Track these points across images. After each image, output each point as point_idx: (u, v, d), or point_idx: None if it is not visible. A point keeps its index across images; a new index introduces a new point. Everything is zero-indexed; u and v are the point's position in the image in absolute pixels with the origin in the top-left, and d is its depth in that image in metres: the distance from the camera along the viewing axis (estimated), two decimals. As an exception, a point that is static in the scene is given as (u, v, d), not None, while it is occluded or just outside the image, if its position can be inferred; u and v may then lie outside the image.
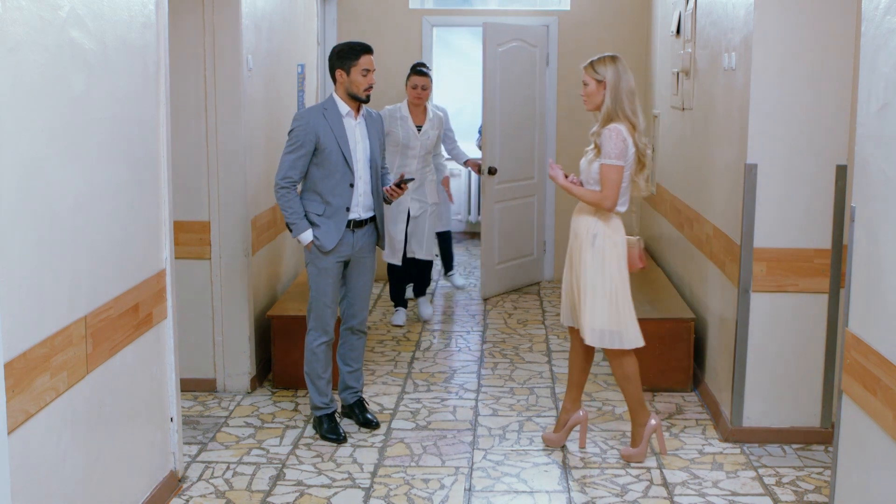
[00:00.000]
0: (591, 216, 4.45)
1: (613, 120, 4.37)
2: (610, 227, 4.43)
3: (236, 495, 4.22)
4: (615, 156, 4.32)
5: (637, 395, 4.55)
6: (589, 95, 4.43)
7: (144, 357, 3.94)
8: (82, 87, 3.26)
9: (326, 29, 7.86)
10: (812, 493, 4.27)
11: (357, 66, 4.67)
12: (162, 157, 4.09)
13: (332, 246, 4.70)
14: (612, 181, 4.34)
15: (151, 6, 3.92)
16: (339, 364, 5.06)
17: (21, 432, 2.88)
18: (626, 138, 4.34)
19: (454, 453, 4.69)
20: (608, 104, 4.37)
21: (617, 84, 4.36)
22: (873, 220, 3.09)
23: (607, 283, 4.40)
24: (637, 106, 4.41)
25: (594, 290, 4.40)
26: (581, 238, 4.46)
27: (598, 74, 4.39)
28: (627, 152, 4.35)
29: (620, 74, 4.37)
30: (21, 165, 2.86)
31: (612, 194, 4.35)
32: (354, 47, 4.72)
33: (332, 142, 4.65)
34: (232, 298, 5.45)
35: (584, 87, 4.44)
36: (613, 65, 4.38)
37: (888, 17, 2.96)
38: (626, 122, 4.36)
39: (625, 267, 4.46)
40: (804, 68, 4.54)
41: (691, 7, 6.06)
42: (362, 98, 4.72)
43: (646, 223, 8.01)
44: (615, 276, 4.41)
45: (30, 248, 2.94)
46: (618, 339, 4.43)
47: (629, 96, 4.37)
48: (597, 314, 4.40)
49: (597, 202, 4.39)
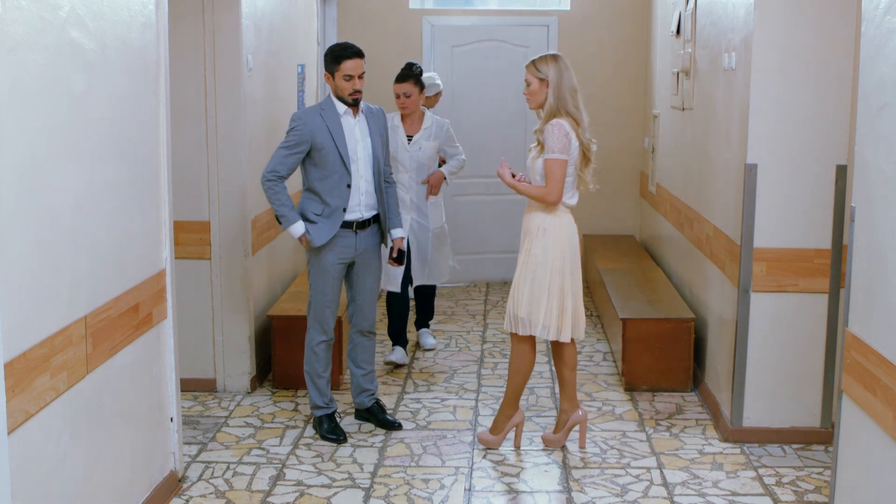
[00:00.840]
0: (541, 212, 4.53)
1: (556, 117, 4.45)
2: (560, 221, 4.52)
3: (236, 495, 4.22)
4: (557, 150, 4.40)
5: (517, 390, 4.68)
6: (531, 94, 4.53)
7: (144, 357, 3.94)
8: (82, 87, 3.26)
9: (326, 29, 7.86)
10: (812, 493, 4.27)
11: (339, 72, 4.64)
12: (162, 157, 4.09)
13: (323, 242, 4.68)
14: (556, 175, 4.42)
15: (151, 6, 3.92)
16: (352, 367, 5.04)
17: (21, 432, 2.88)
18: (568, 132, 4.42)
19: (454, 453, 4.69)
20: (551, 102, 4.47)
21: (559, 82, 4.45)
22: (873, 220, 3.09)
23: (553, 276, 4.48)
24: (580, 102, 4.50)
25: (536, 281, 4.49)
26: (531, 234, 4.55)
27: (541, 73, 4.49)
28: (570, 146, 4.43)
29: (562, 72, 4.47)
30: (21, 165, 2.86)
31: (556, 188, 4.43)
32: (338, 53, 4.67)
33: (329, 142, 4.64)
34: (232, 298, 5.44)
35: (527, 86, 4.54)
36: (555, 63, 4.48)
37: (888, 17, 2.96)
38: (569, 119, 4.45)
39: (576, 260, 4.57)
40: (804, 68, 4.54)
41: (691, 7, 6.07)
42: (349, 102, 4.70)
43: (646, 223, 8.02)
44: (561, 270, 4.49)
45: (30, 248, 2.94)
46: (526, 326, 4.52)
47: (571, 93, 4.47)
48: (522, 300, 4.51)
49: (541, 196, 4.48)
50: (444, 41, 8.22)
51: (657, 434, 4.94)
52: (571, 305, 4.54)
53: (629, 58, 8.26)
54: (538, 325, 4.51)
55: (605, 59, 8.27)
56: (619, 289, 6.35)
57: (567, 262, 4.52)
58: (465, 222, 8.26)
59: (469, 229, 8.28)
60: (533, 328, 4.52)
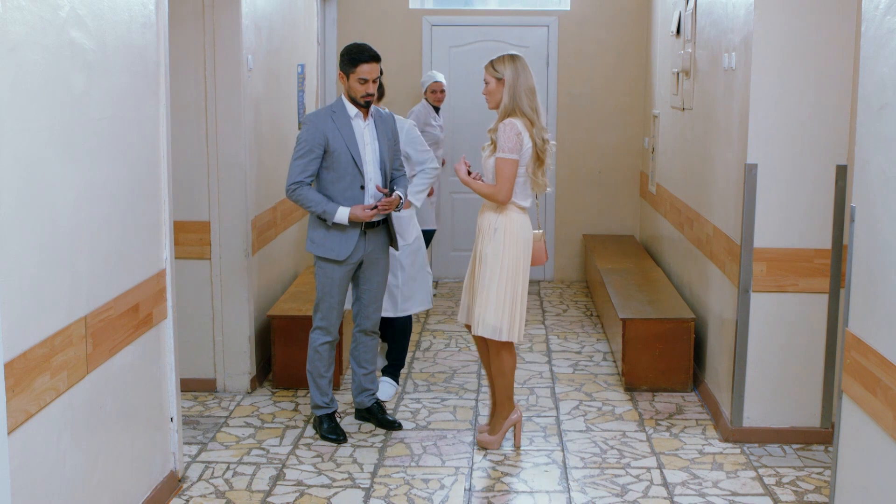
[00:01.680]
0: (493, 212, 4.55)
1: (511, 116, 4.48)
2: (511, 222, 4.53)
3: (236, 495, 4.22)
4: (508, 150, 4.43)
5: (508, 390, 4.68)
6: (489, 93, 4.57)
7: (144, 357, 3.94)
8: (82, 87, 3.26)
9: (326, 29, 7.86)
10: (812, 493, 4.27)
11: (354, 74, 4.65)
12: (162, 157, 4.08)
13: (347, 256, 4.69)
14: (505, 175, 4.45)
15: (151, 6, 3.92)
16: (354, 367, 5.04)
17: (21, 432, 2.88)
18: (520, 133, 4.45)
19: (454, 453, 4.69)
20: (506, 101, 4.50)
21: (515, 82, 4.48)
22: (873, 220, 3.09)
23: (504, 276, 4.50)
24: (537, 103, 4.52)
25: (490, 283, 4.50)
26: (483, 233, 4.56)
27: (498, 73, 4.52)
28: (522, 147, 4.46)
29: (518, 72, 4.50)
30: (21, 165, 2.86)
31: (505, 187, 4.46)
32: (356, 56, 4.66)
33: (341, 145, 4.64)
34: (232, 298, 5.44)
35: (486, 85, 4.57)
36: (512, 63, 4.51)
37: (888, 17, 2.96)
38: (523, 119, 4.48)
39: (527, 263, 4.58)
40: (804, 68, 4.54)
41: (691, 7, 6.06)
42: (360, 104, 4.71)
43: (646, 223, 8.02)
44: (512, 270, 4.51)
45: (30, 248, 2.93)
46: (506, 333, 4.52)
47: (528, 94, 4.50)
48: (490, 307, 4.50)
49: (490, 195, 4.51)
50: (444, 41, 8.22)
51: (657, 434, 4.94)
52: (519, 307, 4.56)
53: (629, 58, 8.26)
54: (515, 330, 4.52)
55: (605, 59, 8.27)
56: (619, 289, 6.35)
57: (520, 263, 4.54)
58: (464, 220, 8.26)
59: (468, 227, 8.28)
60: (510, 334, 4.52)
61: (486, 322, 4.51)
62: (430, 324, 7.02)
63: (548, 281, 8.48)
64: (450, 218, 8.37)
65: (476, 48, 8.10)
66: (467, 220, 8.23)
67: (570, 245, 8.50)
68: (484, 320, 4.52)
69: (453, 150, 8.21)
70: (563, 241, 8.49)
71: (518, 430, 4.75)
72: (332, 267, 4.73)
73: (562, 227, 8.49)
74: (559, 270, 8.53)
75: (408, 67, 8.17)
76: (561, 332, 6.82)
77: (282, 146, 6.19)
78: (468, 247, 8.26)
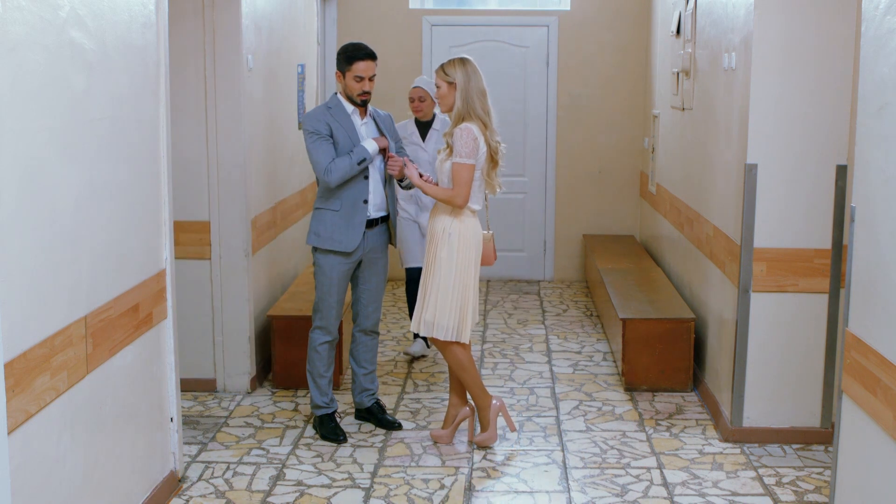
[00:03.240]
0: (447, 216, 4.60)
1: (465, 120, 4.53)
2: (464, 225, 4.58)
3: (236, 495, 4.22)
4: (465, 154, 4.48)
5: (475, 381, 4.71)
6: (442, 97, 4.62)
7: (144, 357, 3.94)
8: (82, 87, 3.26)
9: (326, 29, 7.86)
10: (812, 493, 4.27)
11: (351, 72, 4.66)
12: (162, 157, 4.09)
13: (354, 247, 4.70)
14: (463, 179, 4.50)
15: (151, 6, 3.92)
16: (353, 366, 5.04)
17: (21, 432, 2.88)
18: (476, 137, 4.49)
19: (454, 453, 4.69)
20: (458, 105, 4.55)
21: (466, 85, 4.53)
22: (873, 220, 3.09)
23: (457, 278, 4.56)
24: (489, 105, 4.57)
25: (441, 284, 4.56)
26: (437, 236, 4.60)
27: (449, 77, 4.57)
28: (478, 151, 4.51)
29: (469, 76, 4.54)
30: (21, 165, 2.86)
31: (463, 192, 4.51)
32: (351, 53, 4.68)
33: (343, 135, 4.66)
34: (232, 298, 5.44)
35: (437, 89, 4.62)
36: (463, 67, 4.56)
37: (888, 17, 2.96)
38: (477, 122, 4.52)
39: (477, 264, 4.64)
40: (804, 68, 4.54)
41: (691, 7, 6.07)
42: (356, 101, 4.72)
43: (646, 223, 8.02)
44: (464, 272, 4.57)
45: (30, 248, 2.94)
46: (455, 333, 4.58)
47: (480, 96, 4.54)
48: (438, 306, 4.57)
49: (448, 199, 4.54)
50: (444, 41, 8.22)
51: (657, 434, 4.94)
52: (470, 308, 4.61)
53: (629, 58, 8.26)
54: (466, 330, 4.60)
55: (605, 59, 8.27)
56: (619, 289, 6.35)
57: (471, 265, 4.59)
58: None
59: None
60: (461, 334, 4.59)
61: (440, 323, 4.58)
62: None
63: (548, 281, 8.48)
64: None
65: (476, 48, 8.10)
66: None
67: (570, 245, 8.50)
68: (437, 322, 4.58)
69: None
70: (563, 241, 8.49)
71: (507, 417, 4.77)
72: (333, 264, 4.73)
73: (562, 227, 8.49)
74: (559, 270, 8.53)
75: (408, 68, 8.16)
76: (561, 332, 6.82)
77: (282, 146, 6.19)
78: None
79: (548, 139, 8.34)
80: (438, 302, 4.57)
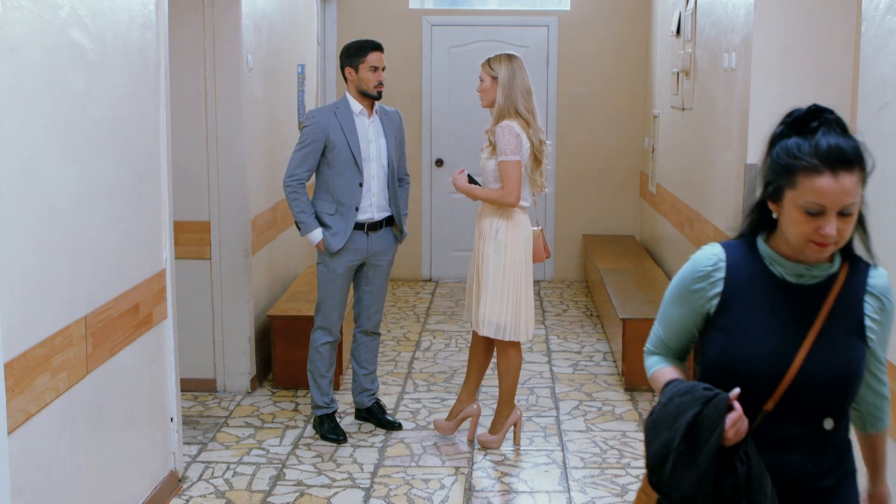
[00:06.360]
0: (494, 215, 4.54)
1: (506, 117, 4.48)
2: (513, 223, 4.53)
3: (236, 495, 4.22)
4: (510, 151, 4.42)
5: (511, 389, 4.69)
6: (484, 92, 4.55)
7: (144, 357, 3.94)
8: (82, 87, 3.26)
9: (326, 29, 7.86)
10: (812, 493, 4.26)
11: (365, 63, 4.67)
12: (162, 157, 4.09)
13: (339, 247, 4.69)
14: (511, 177, 4.44)
15: (151, 6, 3.92)
16: (354, 366, 5.04)
17: (21, 432, 2.88)
18: (518, 134, 4.44)
19: (454, 453, 4.69)
20: (500, 101, 4.49)
21: (510, 82, 4.47)
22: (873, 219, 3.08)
23: (508, 276, 4.51)
24: (534, 105, 4.52)
25: (494, 283, 4.51)
26: (484, 234, 4.55)
27: (493, 71, 4.51)
28: (522, 147, 4.46)
29: (515, 72, 4.48)
30: (21, 165, 2.86)
31: (514, 190, 4.45)
32: (363, 44, 4.72)
33: (342, 140, 4.65)
34: (232, 298, 5.44)
35: (481, 83, 4.56)
36: (509, 63, 4.49)
37: (888, 17, 2.96)
38: (519, 119, 4.47)
39: (529, 261, 4.60)
40: (804, 68, 4.54)
41: (691, 7, 6.07)
42: (373, 94, 4.70)
43: (646, 223, 8.02)
44: (516, 270, 4.53)
45: (30, 248, 2.94)
46: (511, 332, 4.54)
47: (524, 95, 4.49)
48: (494, 306, 4.51)
49: (498, 200, 4.48)
50: (444, 41, 8.22)
51: (657, 434, 4.93)
52: (524, 306, 4.57)
53: (629, 58, 8.26)
54: (523, 330, 4.55)
55: (605, 59, 8.27)
56: (619, 289, 6.35)
57: (522, 262, 4.55)
58: (463, 221, 8.25)
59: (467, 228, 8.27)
60: (518, 334, 4.55)
61: (491, 321, 4.52)
62: (430, 324, 7.02)
63: (548, 281, 8.48)
64: (449, 218, 8.37)
65: (476, 48, 8.09)
66: (466, 220, 8.22)
67: (570, 245, 8.50)
68: (488, 320, 4.52)
69: (454, 151, 8.21)
70: (563, 241, 8.49)
71: (518, 430, 4.75)
72: (336, 265, 4.73)
73: (562, 227, 8.48)
74: (559, 270, 8.52)
75: (407, 68, 8.17)
76: (561, 332, 6.82)
77: (282, 146, 6.19)
78: (467, 247, 8.25)
79: (548, 139, 8.34)
80: (493, 299, 4.51)
